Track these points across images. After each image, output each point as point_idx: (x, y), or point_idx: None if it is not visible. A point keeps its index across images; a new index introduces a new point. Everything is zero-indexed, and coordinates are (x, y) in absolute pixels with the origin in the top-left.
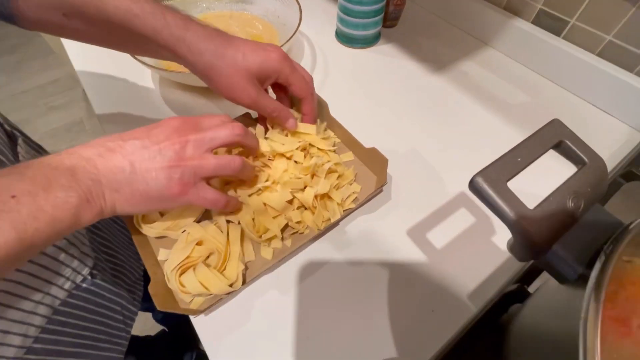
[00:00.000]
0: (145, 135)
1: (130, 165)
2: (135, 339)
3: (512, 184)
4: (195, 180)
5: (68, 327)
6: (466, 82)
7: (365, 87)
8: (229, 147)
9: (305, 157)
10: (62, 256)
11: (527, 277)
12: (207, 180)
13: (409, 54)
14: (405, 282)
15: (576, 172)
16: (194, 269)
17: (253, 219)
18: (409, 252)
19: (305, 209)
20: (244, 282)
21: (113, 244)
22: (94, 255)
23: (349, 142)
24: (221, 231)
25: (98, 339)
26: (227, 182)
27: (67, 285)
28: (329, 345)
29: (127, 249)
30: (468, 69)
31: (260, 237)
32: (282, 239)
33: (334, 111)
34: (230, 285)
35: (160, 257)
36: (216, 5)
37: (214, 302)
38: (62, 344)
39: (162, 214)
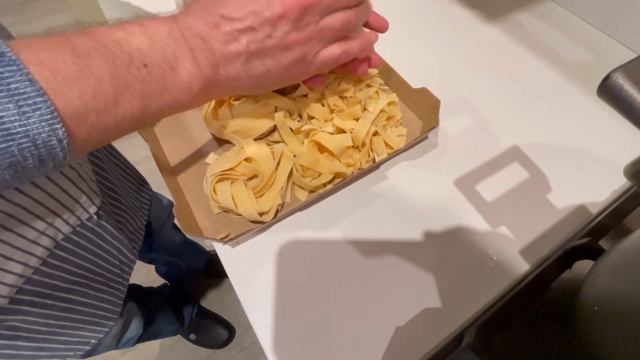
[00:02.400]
0: (252, 4)
1: (246, 49)
2: (137, 287)
3: None
4: (315, 52)
5: (67, 264)
6: (521, 34)
7: (410, 30)
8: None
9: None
10: (72, 188)
11: (592, 234)
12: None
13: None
14: (450, 233)
15: None
16: (232, 182)
17: (302, 166)
18: (456, 202)
19: (353, 147)
20: (277, 220)
21: (118, 190)
22: (101, 196)
23: (395, 81)
24: (273, 158)
25: (94, 279)
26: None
27: (72, 220)
28: (367, 288)
29: (130, 196)
30: (524, 20)
31: (306, 179)
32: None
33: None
34: (260, 215)
35: (208, 160)
36: None
37: (240, 234)
38: (58, 278)
39: (232, 116)
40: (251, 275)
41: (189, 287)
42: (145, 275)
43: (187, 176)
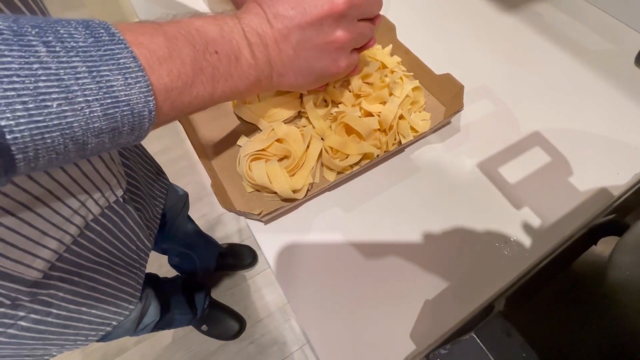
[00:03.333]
0: (300, 4)
1: (294, 49)
2: (153, 276)
3: None
4: (351, 50)
5: (93, 244)
6: (541, 23)
7: (431, 19)
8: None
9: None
10: (104, 170)
11: (616, 212)
12: None
13: None
14: (475, 213)
15: None
16: (266, 161)
17: (331, 148)
18: (479, 183)
19: (380, 130)
20: (307, 199)
21: (138, 177)
22: (126, 180)
23: (417, 68)
24: (303, 140)
25: (115, 262)
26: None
27: (102, 201)
28: (393, 264)
29: (148, 184)
30: (542, 10)
31: (335, 159)
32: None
33: (398, 38)
34: (293, 192)
35: (239, 142)
36: None
37: (273, 211)
38: (84, 258)
39: (259, 99)
40: (284, 252)
41: (201, 279)
42: (158, 267)
43: (220, 159)
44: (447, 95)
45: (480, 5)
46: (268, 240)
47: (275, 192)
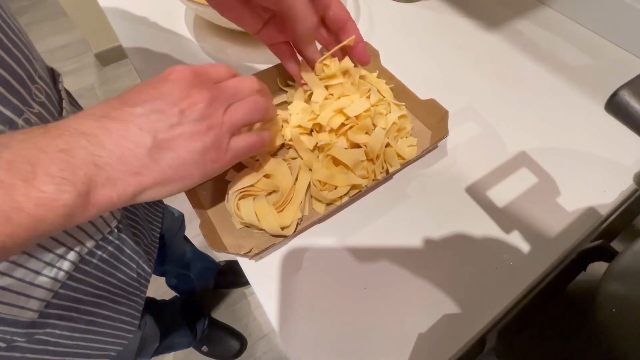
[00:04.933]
0: (156, 94)
1: (152, 138)
2: (151, 300)
3: None
4: (229, 140)
5: (90, 278)
6: (522, 41)
7: (414, 42)
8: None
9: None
10: None
11: (602, 236)
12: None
13: (458, 9)
14: (465, 239)
15: None
16: (254, 198)
17: (319, 181)
18: (469, 209)
19: (368, 159)
20: (297, 233)
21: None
22: (121, 209)
23: (402, 93)
24: (291, 173)
25: (115, 293)
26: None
27: (96, 235)
28: (386, 296)
29: (144, 208)
30: (523, 28)
31: (323, 191)
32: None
33: (382, 64)
34: (282, 229)
35: (228, 177)
36: None
37: (263, 249)
38: (82, 292)
39: None
40: (275, 287)
41: (199, 299)
42: (156, 288)
43: (209, 194)
44: (433, 119)
45: (461, 26)
46: (258, 277)
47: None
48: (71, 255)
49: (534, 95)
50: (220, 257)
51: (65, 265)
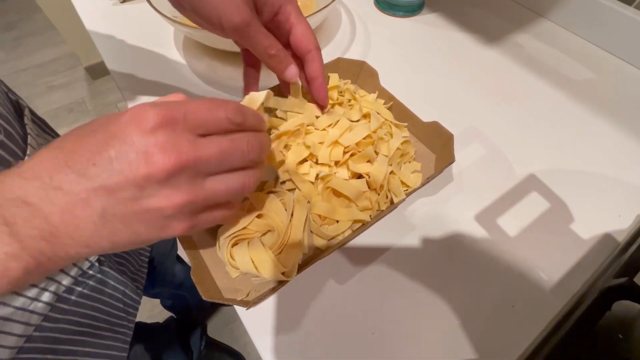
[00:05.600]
0: (107, 155)
1: (101, 216)
2: (143, 326)
3: None
4: (200, 212)
5: (69, 315)
6: (522, 55)
7: (412, 59)
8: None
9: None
10: None
11: (625, 271)
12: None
13: (455, 24)
14: (478, 273)
15: None
16: (249, 243)
17: (320, 216)
18: (480, 239)
19: (371, 189)
20: (298, 273)
21: None
22: None
23: (403, 115)
24: (285, 209)
25: (98, 327)
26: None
27: (74, 271)
28: (396, 342)
29: None
30: (522, 41)
31: (324, 227)
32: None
33: (381, 84)
34: (283, 274)
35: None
36: None
37: (263, 294)
38: (60, 331)
39: None
40: (273, 333)
41: (196, 318)
42: (150, 309)
43: (202, 233)
44: (437, 143)
45: (459, 40)
46: (256, 325)
47: None
48: (45, 297)
49: (538, 113)
50: None
51: (39, 307)
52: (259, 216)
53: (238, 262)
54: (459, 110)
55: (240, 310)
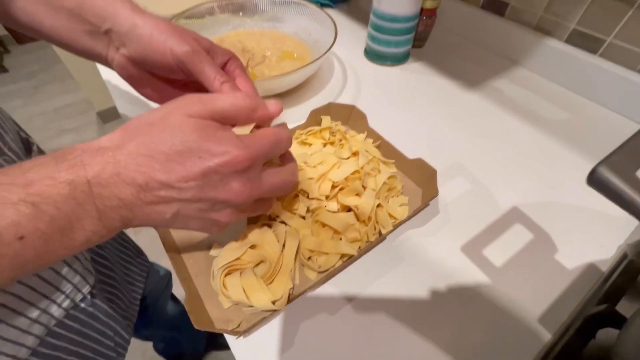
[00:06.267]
0: (198, 177)
1: (173, 214)
2: None
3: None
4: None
5: (58, 351)
6: (501, 98)
7: (399, 103)
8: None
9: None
10: (65, 270)
11: (607, 299)
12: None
13: (439, 72)
14: (466, 303)
15: None
16: (241, 273)
17: (310, 250)
18: (466, 270)
19: (359, 221)
20: (288, 303)
21: (112, 264)
22: (95, 273)
23: (390, 153)
24: (277, 241)
25: None
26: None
27: (66, 303)
28: None
29: (123, 267)
30: (501, 86)
31: (310, 259)
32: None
33: (370, 125)
34: (274, 303)
35: (212, 253)
36: (247, 23)
37: (253, 324)
38: None
39: None
40: None
41: None
42: (142, 354)
43: (196, 262)
44: (422, 178)
45: (442, 85)
46: (247, 353)
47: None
48: (36, 329)
49: (519, 150)
50: None
51: (30, 340)
52: (252, 247)
53: (230, 291)
54: (444, 147)
55: (233, 345)
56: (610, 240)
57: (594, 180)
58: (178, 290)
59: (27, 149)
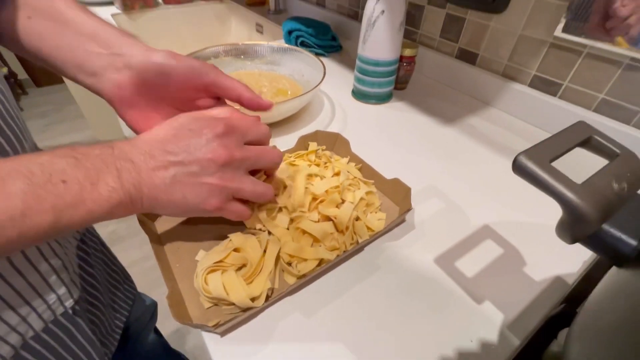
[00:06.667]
0: (187, 143)
1: (172, 178)
2: None
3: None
4: (230, 199)
5: None
6: (475, 132)
7: (381, 134)
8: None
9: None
10: (53, 278)
11: (568, 300)
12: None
13: (419, 110)
14: (438, 310)
15: (611, 162)
16: (222, 272)
17: (289, 255)
18: (439, 280)
19: (338, 231)
20: (266, 302)
21: (99, 285)
22: (81, 287)
23: (370, 174)
24: (260, 246)
25: None
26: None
27: (47, 314)
28: None
29: (110, 291)
30: (474, 122)
31: (290, 265)
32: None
33: (353, 150)
34: (252, 300)
35: (197, 257)
36: (248, 65)
37: (230, 320)
38: None
39: None
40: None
41: None
42: None
43: (182, 267)
44: (398, 196)
45: (422, 122)
46: (224, 354)
47: (233, 304)
48: (13, 338)
49: (489, 175)
50: (195, 356)
51: (5, 350)
52: (236, 250)
53: (211, 286)
54: (420, 172)
55: (209, 345)
56: (575, 256)
57: (517, 166)
58: (164, 327)
59: None
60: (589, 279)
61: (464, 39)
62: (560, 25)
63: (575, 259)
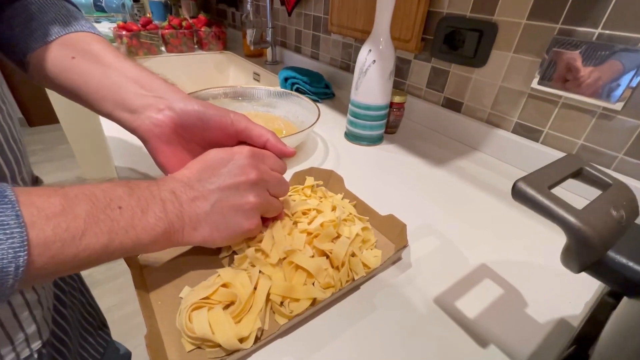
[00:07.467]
0: (220, 170)
1: (211, 207)
2: None
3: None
4: (258, 216)
5: None
6: (464, 174)
7: (373, 173)
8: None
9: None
10: (25, 314)
11: (580, 342)
12: None
13: (409, 152)
14: (442, 355)
15: (605, 192)
16: (209, 309)
17: (282, 297)
18: (440, 321)
19: (333, 267)
20: (255, 344)
21: (69, 325)
22: (51, 329)
23: (364, 212)
24: (250, 282)
25: None
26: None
27: (10, 357)
28: None
29: (81, 336)
30: (463, 164)
31: (282, 304)
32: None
33: (347, 187)
34: (240, 341)
35: (181, 294)
36: (245, 106)
37: None
38: None
39: None
40: None
41: None
42: None
43: (164, 305)
44: (394, 233)
45: (413, 163)
46: None
47: (219, 346)
48: None
49: (483, 214)
50: None
51: None
52: (224, 285)
53: (195, 324)
54: (414, 210)
55: None
56: (577, 298)
57: (517, 192)
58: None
59: (34, 184)
60: (595, 318)
61: (448, 89)
62: (536, 79)
63: (577, 300)
